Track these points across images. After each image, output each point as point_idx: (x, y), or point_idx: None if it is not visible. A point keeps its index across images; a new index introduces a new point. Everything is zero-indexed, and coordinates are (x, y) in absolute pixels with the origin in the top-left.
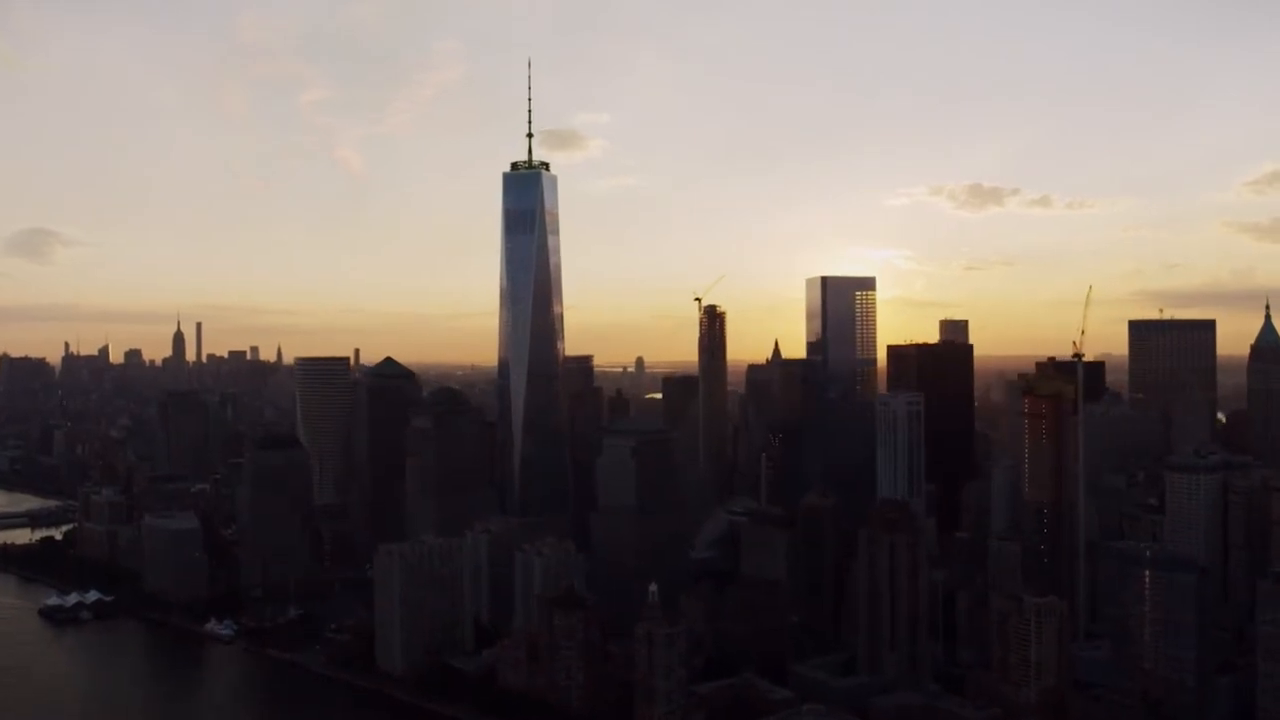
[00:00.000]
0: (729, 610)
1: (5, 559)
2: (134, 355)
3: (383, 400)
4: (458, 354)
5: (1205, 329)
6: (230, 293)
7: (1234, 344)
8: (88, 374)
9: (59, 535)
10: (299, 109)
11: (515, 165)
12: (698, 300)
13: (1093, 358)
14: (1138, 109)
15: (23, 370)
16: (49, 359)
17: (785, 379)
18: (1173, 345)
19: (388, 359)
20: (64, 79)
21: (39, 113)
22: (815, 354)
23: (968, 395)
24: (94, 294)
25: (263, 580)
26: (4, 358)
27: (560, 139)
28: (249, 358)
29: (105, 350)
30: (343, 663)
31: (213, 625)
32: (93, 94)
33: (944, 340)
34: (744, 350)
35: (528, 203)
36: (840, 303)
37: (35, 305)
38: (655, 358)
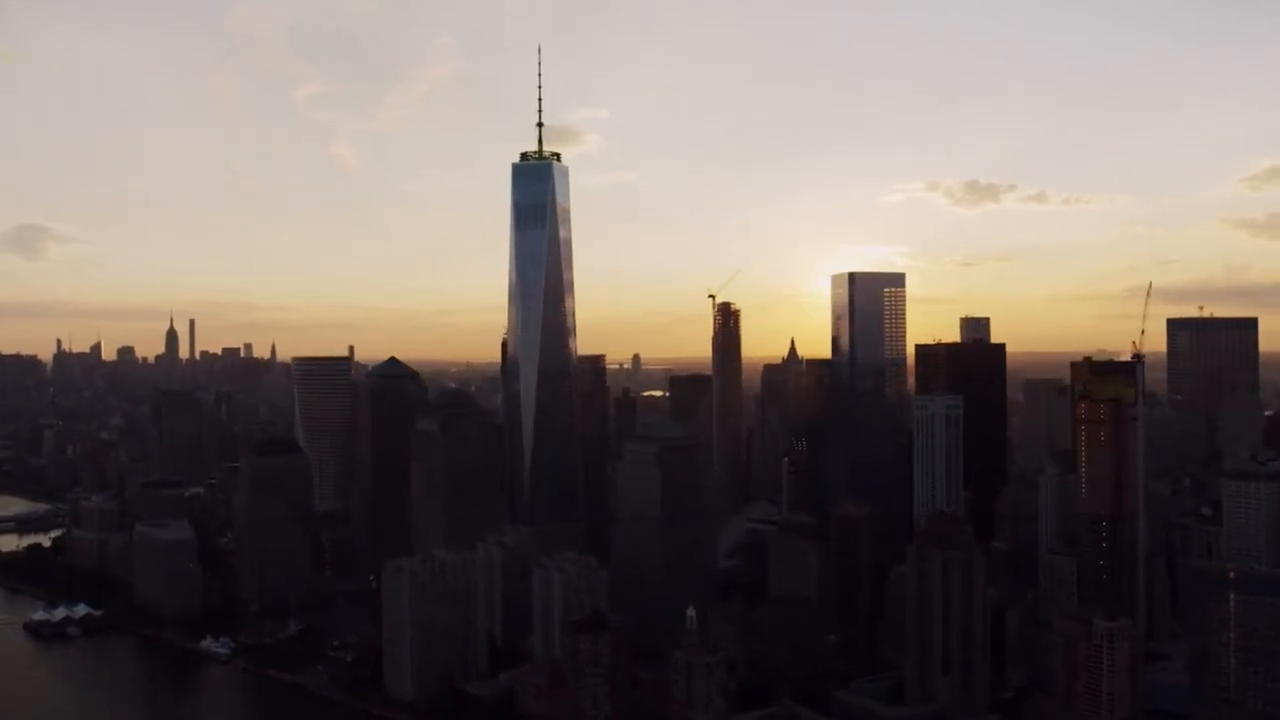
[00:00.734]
0: (761, 629)
1: None
2: (127, 352)
3: (386, 402)
4: (452, 351)
5: (1247, 327)
6: (224, 289)
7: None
8: (79, 371)
9: (48, 541)
10: (293, 104)
11: (525, 156)
12: (711, 297)
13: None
14: (1135, 105)
15: (14, 368)
16: (41, 356)
17: (808, 379)
18: (1214, 344)
19: (391, 359)
20: (57, 74)
21: (32, 108)
22: (840, 353)
23: (1000, 397)
24: (87, 290)
25: (261, 592)
26: None
27: (557, 134)
28: (243, 355)
29: (98, 347)
30: (348, 685)
31: (208, 642)
32: (86, 89)
33: (975, 339)
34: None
35: (538, 195)
36: (868, 300)
37: (28, 302)
38: (650, 354)
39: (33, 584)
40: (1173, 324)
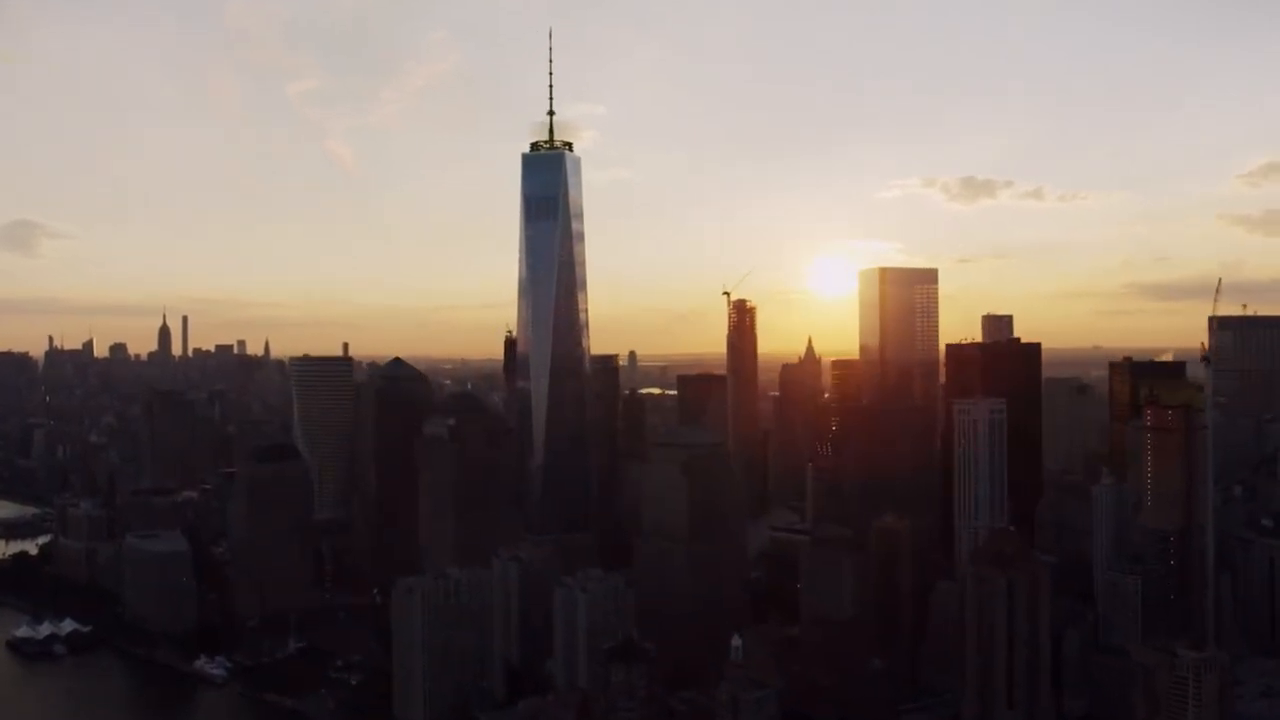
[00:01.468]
0: (801, 651)
1: None
2: (119, 349)
3: (390, 404)
4: (447, 348)
5: None
6: (217, 286)
7: None
8: (71, 369)
9: (35, 549)
10: (288, 100)
11: (536, 145)
12: (726, 294)
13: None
14: (1132, 102)
15: (6, 365)
16: (33, 354)
17: (835, 380)
18: (1260, 344)
19: (396, 359)
20: (50, 70)
21: (25, 104)
22: (870, 352)
23: (1036, 400)
24: (80, 287)
25: (259, 608)
26: None
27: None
28: (236, 352)
29: (89, 344)
30: (354, 711)
31: (203, 663)
32: (79, 85)
33: (1008, 339)
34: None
35: (550, 186)
36: (899, 298)
37: (21, 299)
38: (646, 351)
39: (18, 595)
40: (1215, 322)
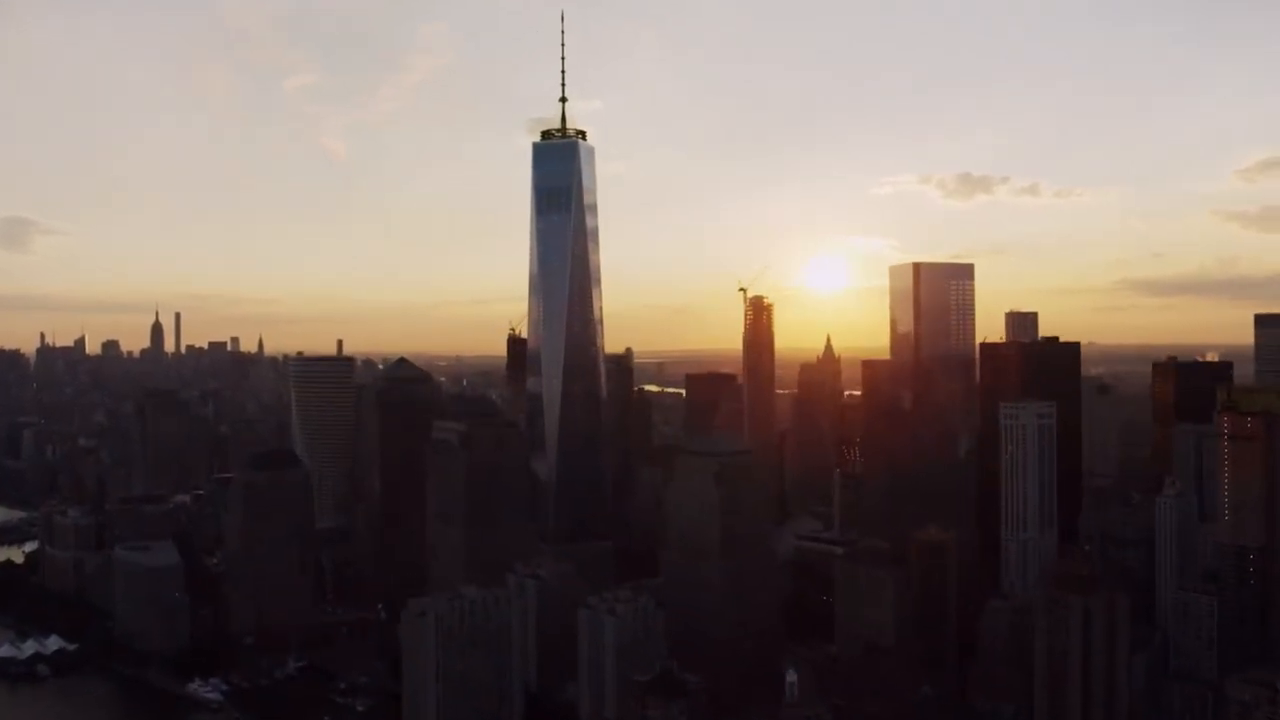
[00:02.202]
0: (844, 677)
1: None
2: (111, 346)
3: (395, 407)
4: (441, 345)
5: None
6: (210, 282)
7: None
8: (63, 366)
9: (21, 555)
10: (283, 95)
11: (547, 134)
12: (742, 290)
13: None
14: (1129, 98)
15: None
16: (25, 350)
17: (863, 380)
18: None
19: (401, 359)
20: (43, 65)
21: (17, 99)
22: (901, 352)
23: (1076, 403)
24: (72, 283)
25: (255, 624)
26: None
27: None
28: (229, 349)
29: (82, 341)
30: None
31: (197, 685)
32: (73, 80)
33: (1047, 338)
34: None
35: (562, 177)
36: (933, 294)
37: (13, 295)
38: (643, 349)
39: (2, 609)
40: (1261, 320)
